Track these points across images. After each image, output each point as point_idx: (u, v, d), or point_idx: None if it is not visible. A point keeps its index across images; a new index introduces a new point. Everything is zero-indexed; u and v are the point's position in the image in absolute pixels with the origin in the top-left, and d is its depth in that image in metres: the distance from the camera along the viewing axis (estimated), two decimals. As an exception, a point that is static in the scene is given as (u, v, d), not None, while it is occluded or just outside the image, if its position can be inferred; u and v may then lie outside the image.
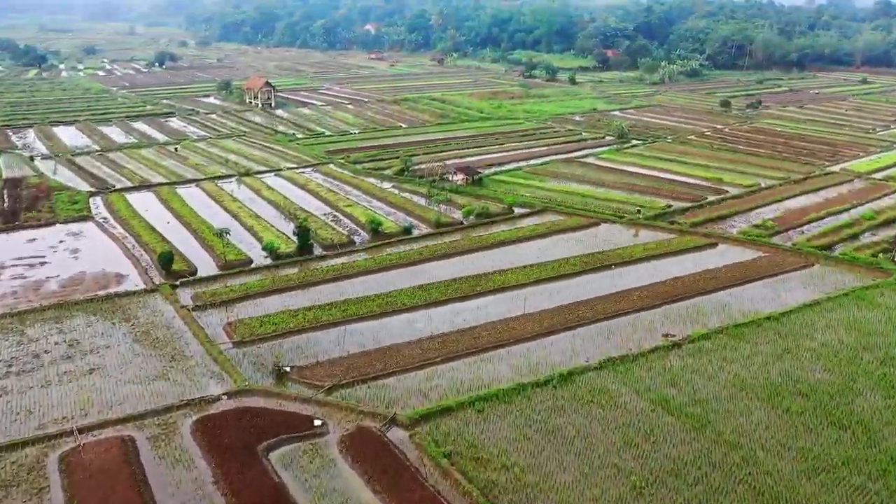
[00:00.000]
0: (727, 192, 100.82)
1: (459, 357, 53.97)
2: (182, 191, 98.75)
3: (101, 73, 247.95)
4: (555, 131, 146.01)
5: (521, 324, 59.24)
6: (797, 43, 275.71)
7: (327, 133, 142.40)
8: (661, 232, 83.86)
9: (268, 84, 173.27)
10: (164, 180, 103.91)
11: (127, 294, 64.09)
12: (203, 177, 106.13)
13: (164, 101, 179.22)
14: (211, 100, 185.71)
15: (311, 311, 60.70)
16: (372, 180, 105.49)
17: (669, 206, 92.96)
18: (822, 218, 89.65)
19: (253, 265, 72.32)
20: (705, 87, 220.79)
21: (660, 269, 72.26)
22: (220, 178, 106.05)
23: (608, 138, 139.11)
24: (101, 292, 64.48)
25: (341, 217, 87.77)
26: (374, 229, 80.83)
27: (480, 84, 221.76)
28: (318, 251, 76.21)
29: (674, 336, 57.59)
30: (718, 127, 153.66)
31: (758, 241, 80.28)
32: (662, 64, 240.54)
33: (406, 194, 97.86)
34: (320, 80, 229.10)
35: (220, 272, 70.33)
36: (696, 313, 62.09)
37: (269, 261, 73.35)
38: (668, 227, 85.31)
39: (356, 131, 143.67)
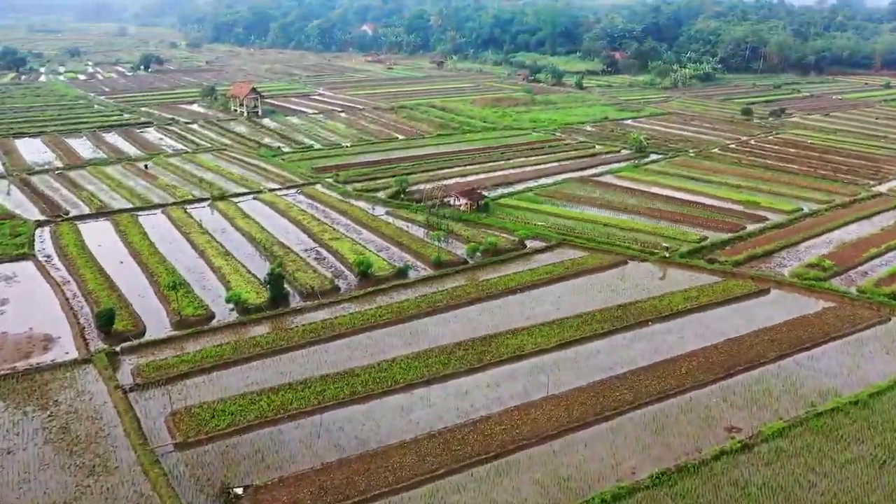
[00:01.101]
0: (767, 219, 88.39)
1: (467, 466, 41.51)
2: (145, 219, 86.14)
3: (82, 76, 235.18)
4: (565, 144, 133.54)
5: (544, 411, 46.78)
6: (814, 45, 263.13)
7: (316, 146, 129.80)
8: (700, 273, 71.37)
9: (254, 91, 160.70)
10: (127, 205, 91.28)
11: (52, 367, 51.56)
12: (172, 200, 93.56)
13: (144, 109, 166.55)
14: (194, 107, 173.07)
15: (279, 394, 48.17)
16: (363, 205, 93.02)
17: (704, 239, 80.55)
18: (884, 254, 77.16)
19: (215, 321, 59.85)
20: (720, 93, 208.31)
21: (706, 325, 59.84)
22: (190, 202, 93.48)
23: (624, 152, 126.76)
24: (21, 364, 51.96)
25: (326, 254, 75.27)
26: (364, 272, 68.31)
27: (482, 89, 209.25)
28: (295, 300, 63.87)
29: (740, 430, 45.19)
30: (743, 138, 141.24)
31: (817, 286, 67.69)
32: (674, 67, 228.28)
33: (401, 223, 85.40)
34: (313, 85, 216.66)
35: (173, 332, 57.91)
36: (761, 393, 49.67)
37: (235, 314, 60.97)
38: (707, 267, 72.69)
39: (348, 144, 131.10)
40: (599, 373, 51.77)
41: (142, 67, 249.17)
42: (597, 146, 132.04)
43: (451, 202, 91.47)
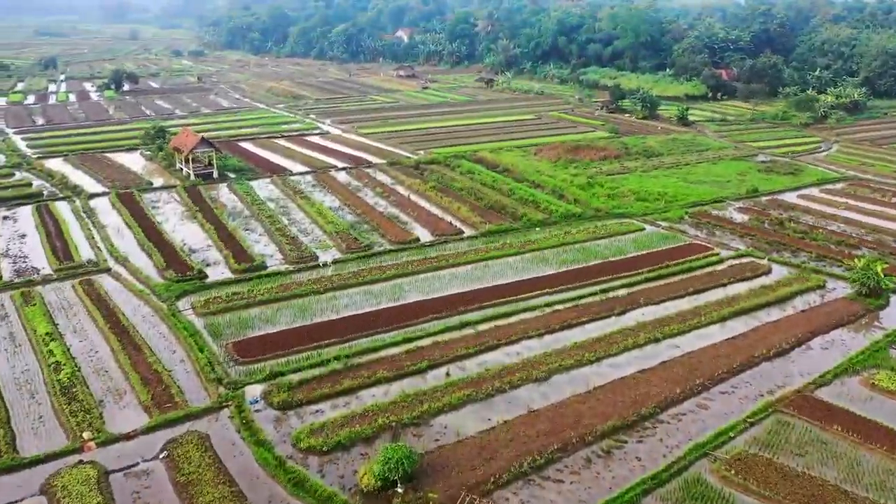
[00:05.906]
0: None
1: None
2: None
3: (30, 99, 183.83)
4: (713, 259, 74.52)
5: None
6: None
7: (273, 263, 73.28)
8: None
9: (205, 142, 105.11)
10: None
11: None
12: None
13: (52, 163, 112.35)
14: (132, 158, 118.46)
15: None
16: (297, 538, 36.22)
17: None
18: None
19: None
20: (888, 133, 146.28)
21: None
22: None
23: (833, 286, 67.80)
24: None
25: None
26: None
27: (548, 124, 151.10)
28: None
29: None
30: None
31: None
32: (811, 93, 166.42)
33: None
34: (319, 114, 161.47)
35: None
36: None
37: None
38: None
39: (330, 259, 74.33)
40: None
41: (112, 86, 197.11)
42: (769, 264, 73.38)
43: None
